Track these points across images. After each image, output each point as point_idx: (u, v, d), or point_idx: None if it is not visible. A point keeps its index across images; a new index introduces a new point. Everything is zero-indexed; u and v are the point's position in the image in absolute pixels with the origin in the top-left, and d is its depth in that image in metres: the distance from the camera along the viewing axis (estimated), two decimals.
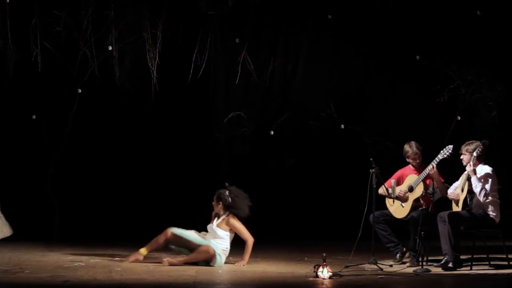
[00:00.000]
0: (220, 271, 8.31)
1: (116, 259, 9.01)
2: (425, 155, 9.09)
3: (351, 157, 11.49)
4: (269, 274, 8.15)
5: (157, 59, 11.30)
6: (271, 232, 11.34)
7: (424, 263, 8.52)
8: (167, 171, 11.46)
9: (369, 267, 8.48)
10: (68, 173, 11.37)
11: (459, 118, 11.86)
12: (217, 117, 11.76)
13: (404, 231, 8.99)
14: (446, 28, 11.78)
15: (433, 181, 8.71)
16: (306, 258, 9.29)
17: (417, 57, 11.83)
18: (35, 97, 11.27)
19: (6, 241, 10.09)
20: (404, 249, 8.99)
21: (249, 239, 8.77)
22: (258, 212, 9.20)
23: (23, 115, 11.29)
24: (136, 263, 8.65)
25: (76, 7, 11.13)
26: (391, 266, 8.66)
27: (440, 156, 8.77)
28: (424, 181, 8.87)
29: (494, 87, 11.71)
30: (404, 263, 8.85)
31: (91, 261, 8.83)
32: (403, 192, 9.00)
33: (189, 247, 8.74)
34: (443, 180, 8.93)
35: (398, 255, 9.00)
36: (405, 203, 8.98)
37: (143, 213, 11.23)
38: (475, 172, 8.47)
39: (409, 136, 9.41)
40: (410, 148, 9.11)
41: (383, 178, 8.93)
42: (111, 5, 11.17)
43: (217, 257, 8.62)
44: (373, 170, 8.69)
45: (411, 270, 8.39)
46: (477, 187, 8.40)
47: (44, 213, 11.19)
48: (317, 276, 7.73)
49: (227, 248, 8.78)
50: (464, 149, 8.62)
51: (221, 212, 8.87)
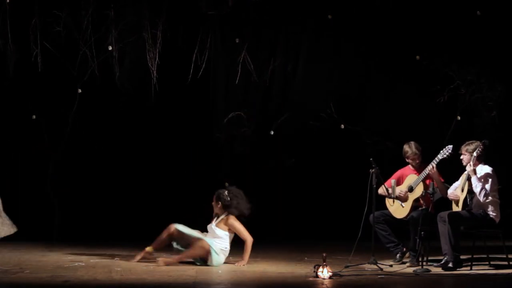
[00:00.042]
0: (220, 271, 8.30)
1: (116, 259, 9.02)
2: (425, 155, 9.09)
3: (351, 157, 11.49)
4: (269, 274, 8.15)
5: (157, 59, 11.30)
6: (271, 232, 11.35)
7: (424, 263, 8.51)
8: (167, 171, 11.46)
9: (369, 267, 8.47)
10: (68, 173, 11.37)
11: (459, 118, 11.86)
12: (217, 117, 11.76)
13: (404, 231, 8.99)
14: (446, 28, 11.78)
15: (433, 181, 8.71)
16: (306, 258, 9.29)
17: (417, 57, 11.84)
18: (35, 97, 11.27)
19: (6, 241, 10.08)
20: (404, 249, 8.99)
21: (248, 239, 8.76)
22: (258, 212, 9.19)
23: (23, 115, 11.30)
24: (136, 262, 8.66)
25: (76, 7, 11.13)
26: (391, 266, 8.66)
27: (440, 156, 8.77)
28: (424, 181, 8.86)
29: (494, 87, 11.71)
30: (404, 263, 8.85)
31: (91, 261, 8.82)
32: (403, 192, 9.00)
33: (189, 244, 8.75)
34: (443, 180, 8.93)
35: (398, 255, 9.00)
36: (405, 203, 8.97)
37: (143, 213, 11.23)
38: (475, 172, 8.47)
39: (409, 136, 9.41)
40: (410, 148, 9.10)
41: (383, 178, 8.92)
42: (111, 5, 11.17)
43: (213, 253, 8.60)
44: (373, 170, 8.69)
45: (411, 270, 8.38)
46: (477, 187, 8.39)
47: (44, 213, 11.19)
48: (317, 276, 7.73)
49: (226, 248, 8.78)
50: (464, 149, 8.62)
51: (220, 212, 8.88)
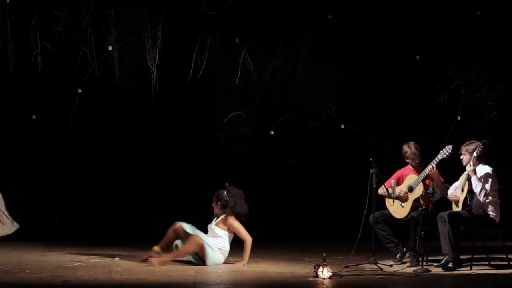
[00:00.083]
0: (220, 271, 8.30)
1: (116, 259, 9.02)
2: (425, 155, 9.08)
3: (351, 157, 11.49)
4: (269, 274, 8.15)
5: (157, 59, 11.29)
6: (271, 232, 11.35)
7: (424, 263, 8.51)
8: (167, 171, 11.45)
9: (369, 267, 8.48)
10: (68, 173, 11.36)
11: (459, 118, 11.85)
12: (217, 117, 11.75)
13: (404, 231, 8.99)
14: (446, 28, 11.78)
15: (432, 181, 8.70)
16: (306, 258, 9.29)
17: (417, 57, 11.84)
18: (35, 97, 11.26)
19: (6, 241, 10.10)
20: (404, 249, 8.98)
21: (247, 238, 8.76)
22: (258, 212, 9.19)
23: (23, 115, 11.29)
24: (139, 262, 8.67)
25: (76, 7, 11.12)
26: (391, 266, 8.66)
27: (439, 156, 8.77)
28: (423, 181, 8.86)
29: (494, 87, 11.71)
30: (404, 263, 8.85)
31: (91, 261, 8.83)
32: (403, 192, 9.00)
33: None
34: (442, 180, 8.93)
35: (398, 255, 9.00)
36: (405, 203, 8.97)
37: (143, 213, 11.23)
38: (475, 172, 8.47)
39: (409, 136, 9.40)
40: (409, 149, 9.10)
41: (383, 178, 8.92)
42: (111, 5, 11.17)
43: (207, 248, 8.59)
44: (373, 170, 8.69)
45: (411, 270, 8.38)
46: (477, 187, 8.39)
47: (44, 213, 11.19)
48: (317, 276, 7.73)
49: (224, 247, 8.78)
50: (464, 149, 8.62)
51: (220, 212, 8.89)
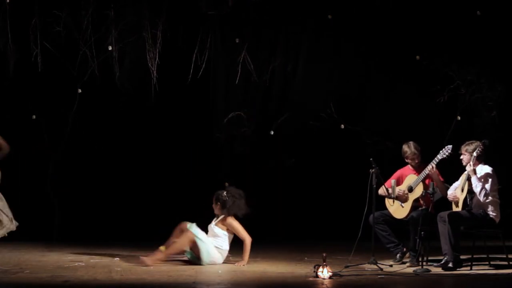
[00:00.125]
0: (220, 271, 8.30)
1: (116, 259, 9.02)
2: (425, 155, 9.08)
3: (351, 157, 11.49)
4: (269, 274, 8.14)
5: (157, 59, 11.29)
6: (271, 232, 11.35)
7: (424, 263, 8.51)
8: (167, 171, 11.45)
9: (369, 267, 8.47)
10: (68, 173, 11.36)
11: (459, 118, 11.86)
12: (217, 117, 11.75)
13: (404, 231, 8.98)
14: (446, 28, 11.78)
15: (432, 181, 8.70)
16: (306, 258, 9.29)
17: (417, 57, 11.84)
18: (35, 97, 11.26)
19: (6, 241, 10.08)
20: (405, 249, 8.98)
21: (247, 238, 8.77)
22: (258, 212, 9.18)
23: (23, 115, 11.29)
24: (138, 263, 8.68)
25: (76, 7, 11.12)
26: (391, 266, 8.66)
27: (439, 156, 8.76)
28: (423, 181, 8.86)
29: (494, 87, 11.71)
30: (404, 263, 8.84)
31: (91, 261, 8.83)
32: (401, 192, 8.99)
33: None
34: (442, 180, 8.93)
35: (398, 255, 8.99)
36: (405, 203, 8.97)
37: (143, 213, 11.23)
38: (475, 172, 8.47)
39: (409, 136, 9.40)
40: (409, 149, 9.10)
41: (383, 178, 8.92)
42: (111, 5, 11.17)
43: (200, 244, 8.60)
44: (373, 170, 8.69)
45: (411, 270, 8.38)
46: (477, 187, 8.39)
47: (44, 213, 11.19)
48: (317, 276, 7.73)
49: (221, 246, 8.79)
50: (464, 149, 8.62)
51: (219, 213, 8.90)
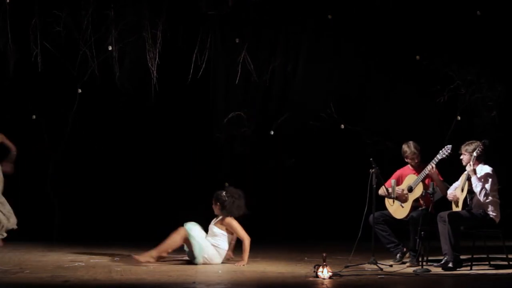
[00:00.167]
0: (220, 271, 8.30)
1: (116, 259, 9.02)
2: (425, 155, 9.08)
3: (351, 157, 11.49)
4: (269, 274, 8.14)
5: (157, 59, 11.29)
6: (271, 232, 11.35)
7: (424, 263, 8.51)
8: (167, 171, 11.45)
9: (369, 267, 8.47)
10: (68, 173, 11.36)
11: (459, 118, 11.86)
12: (217, 117, 11.76)
13: (404, 231, 8.98)
14: (446, 28, 11.78)
15: (432, 180, 8.70)
16: (306, 258, 9.28)
17: (417, 57, 11.84)
18: (35, 97, 11.26)
19: (6, 241, 10.08)
20: (405, 249, 8.98)
21: (245, 238, 8.77)
22: (258, 212, 9.18)
23: (23, 115, 11.29)
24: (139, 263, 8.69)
25: (76, 7, 11.12)
26: (391, 266, 8.65)
27: (439, 156, 8.76)
28: (423, 181, 8.86)
29: (494, 87, 11.71)
30: (404, 263, 8.84)
31: (91, 261, 8.82)
32: (400, 190, 8.99)
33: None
34: (442, 179, 8.92)
35: (398, 255, 8.99)
36: (405, 203, 8.96)
37: (143, 213, 11.23)
38: (475, 172, 8.47)
39: (409, 136, 9.39)
40: (408, 148, 9.10)
41: (383, 178, 8.92)
42: (111, 5, 11.17)
43: (192, 240, 8.62)
44: (373, 170, 8.69)
45: (411, 270, 8.38)
46: (477, 186, 8.39)
47: (44, 213, 11.19)
48: (317, 276, 7.73)
49: (219, 245, 8.79)
50: (463, 149, 8.62)
51: (219, 213, 8.91)
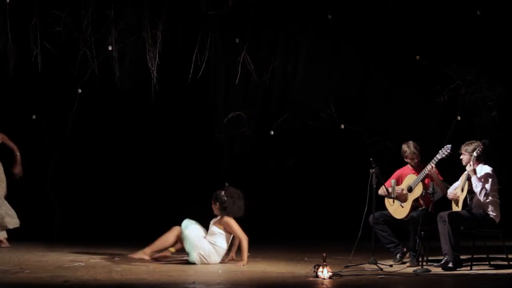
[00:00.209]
0: (220, 271, 8.30)
1: (116, 259, 9.02)
2: (425, 155, 9.08)
3: (351, 157, 11.49)
4: (269, 274, 8.14)
5: (157, 59, 11.29)
6: (271, 232, 11.35)
7: (424, 263, 8.51)
8: (167, 171, 11.45)
9: (369, 267, 8.47)
10: (68, 173, 11.36)
11: (459, 118, 11.86)
12: (217, 117, 11.75)
13: (404, 231, 8.98)
14: (446, 28, 11.78)
15: (432, 180, 8.70)
16: (306, 258, 9.28)
17: (417, 57, 11.84)
18: (35, 97, 11.26)
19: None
20: (405, 249, 8.98)
21: (243, 238, 8.77)
22: (258, 212, 9.18)
23: (23, 115, 11.29)
24: (136, 263, 8.69)
25: (76, 7, 11.12)
26: (391, 266, 8.66)
27: (438, 156, 8.76)
28: (423, 181, 8.86)
29: (494, 87, 11.71)
30: (404, 263, 8.84)
31: (91, 261, 8.82)
32: (400, 190, 8.99)
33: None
34: (442, 179, 8.92)
35: (398, 255, 8.99)
36: (405, 203, 8.96)
37: (143, 213, 11.23)
38: (475, 171, 8.47)
39: (409, 136, 9.39)
40: (408, 148, 9.10)
41: (383, 178, 8.92)
42: (111, 5, 11.16)
43: (184, 237, 8.68)
44: (373, 170, 8.69)
45: (411, 270, 8.38)
46: (477, 186, 8.39)
47: (44, 213, 11.18)
48: (317, 276, 7.73)
49: (216, 242, 8.80)
50: (463, 149, 8.62)
51: (219, 213, 8.91)
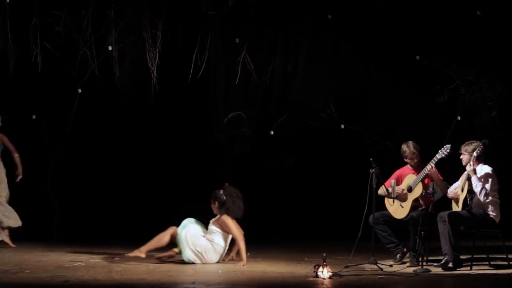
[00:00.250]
0: (220, 271, 8.30)
1: (116, 259, 9.02)
2: (425, 155, 9.08)
3: (351, 157, 11.49)
4: (269, 274, 8.14)
5: (157, 59, 11.30)
6: (271, 232, 11.35)
7: (424, 263, 8.51)
8: (167, 171, 11.46)
9: (369, 267, 8.47)
10: (68, 173, 11.36)
11: (459, 118, 11.86)
12: (217, 117, 11.76)
13: (404, 231, 8.98)
14: (446, 28, 11.79)
15: (432, 180, 8.70)
16: (306, 258, 9.29)
17: (417, 57, 11.84)
18: (35, 97, 11.26)
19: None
20: (405, 249, 8.98)
21: (239, 238, 8.77)
22: (258, 212, 9.18)
23: (23, 115, 11.29)
24: (135, 262, 8.69)
25: (76, 7, 11.13)
26: (391, 266, 8.66)
27: (438, 156, 8.76)
28: (422, 181, 8.86)
29: (494, 87, 11.72)
30: (404, 263, 8.84)
31: (91, 261, 8.82)
32: (400, 190, 8.99)
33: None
34: (442, 178, 8.92)
35: (398, 255, 8.99)
36: (405, 203, 8.96)
37: (143, 213, 11.23)
38: (475, 171, 8.47)
39: (409, 136, 9.39)
40: (408, 148, 9.10)
41: (383, 178, 8.92)
42: (111, 5, 11.17)
43: (177, 237, 8.73)
44: (373, 170, 8.69)
45: (411, 270, 8.38)
46: (477, 186, 8.39)
47: (44, 213, 11.19)
48: (317, 276, 7.72)
49: (213, 239, 8.80)
50: (463, 149, 8.62)
51: (218, 212, 8.92)
